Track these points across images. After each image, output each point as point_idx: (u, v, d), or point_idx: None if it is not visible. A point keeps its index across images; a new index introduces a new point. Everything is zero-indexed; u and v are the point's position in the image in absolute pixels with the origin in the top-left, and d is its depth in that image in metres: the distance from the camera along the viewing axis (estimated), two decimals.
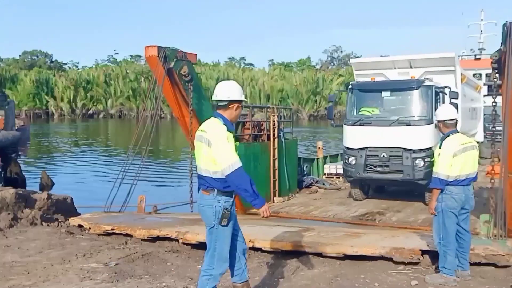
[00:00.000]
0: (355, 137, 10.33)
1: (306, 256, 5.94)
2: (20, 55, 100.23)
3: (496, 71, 6.93)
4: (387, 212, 9.75)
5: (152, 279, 5.09)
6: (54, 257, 5.71)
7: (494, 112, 7.14)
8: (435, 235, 5.22)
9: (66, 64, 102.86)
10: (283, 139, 11.96)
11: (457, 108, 7.57)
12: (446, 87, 9.82)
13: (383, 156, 9.96)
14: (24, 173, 17.92)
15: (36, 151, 30.34)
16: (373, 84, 10.56)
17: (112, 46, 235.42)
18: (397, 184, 10.77)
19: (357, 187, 10.85)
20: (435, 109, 9.40)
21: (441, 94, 9.85)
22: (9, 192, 7.70)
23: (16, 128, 21.90)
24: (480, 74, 21.43)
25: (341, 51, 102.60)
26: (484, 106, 15.69)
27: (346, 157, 10.49)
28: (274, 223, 8.44)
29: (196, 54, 9.57)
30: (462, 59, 26.54)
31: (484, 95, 15.50)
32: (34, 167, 22.33)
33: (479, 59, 24.45)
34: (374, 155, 10.09)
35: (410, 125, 9.70)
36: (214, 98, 3.97)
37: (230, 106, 3.92)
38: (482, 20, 32.66)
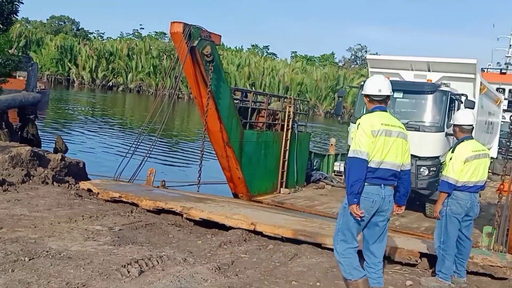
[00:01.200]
0: None
1: (305, 245, 6.00)
2: (47, 19, 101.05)
3: None
4: (391, 216, 9.68)
5: (153, 247, 5.21)
6: (61, 216, 5.87)
7: (510, 128, 7.06)
8: (436, 239, 5.25)
9: (91, 33, 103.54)
10: (296, 131, 11.97)
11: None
12: (462, 94, 9.43)
13: None
14: (39, 136, 18.25)
15: (54, 116, 30.81)
16: None
17: (138, 20, 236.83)
18: None
19: None
20: (449, 117, 9.16)
21: (456, 102, 9.46)
22: (25, 149, 7.91)
23: (37, 90, 22.21)
24: (504, 89, 21.00)
25: (366, 51, 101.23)
26: (503, 121, 15.38)
27: None
28: (277, 212, 8.53)
29: (220, 36, 9.57)
30: (487, 71, 26.10)
31: (504, 110, 15.21)
32: (50, 130, 22.72)
33: (504, 73, 23.93)
34: None
35: (419, 131, 9.20)
36: (378, 93, 4.07)
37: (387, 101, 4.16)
38: None
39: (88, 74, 78.76)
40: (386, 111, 4.12)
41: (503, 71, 25.86)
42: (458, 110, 9.18)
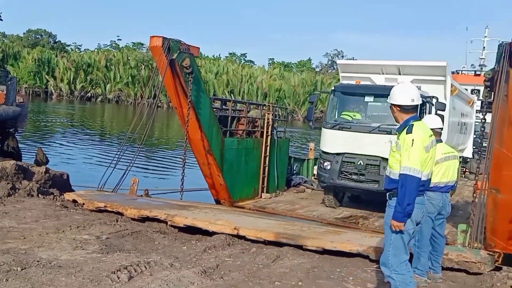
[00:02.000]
0: (333, 141, 9.93)
1: (287, 248, 6.24)
2: (24, 33, 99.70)
3: (488, 89, 7.26)
4: (371, 217, 9.86)
5: (140, 254, 5.39)
6: (49, 226, 5.99)
7: (482, 129, 7.41)
8: None
9: (69, 45, 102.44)
10: (275, 137, 12.25)
11: (443, 120, 7.49)
12: (433, 97, 9.35)
13: (360, 163, 9.54)
14: (20, 149, 18.09)
15: (33, 128, 30.43)
16: (357, 87, 10.03)
17: (115, 32, 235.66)
18: (372, 195, 10.05)
19: (331, 194, 10.45)
20: (420, 119, 9.45)
21: (427, 104, 9.35)
22: (9, 163, 7.99)
23: (16, 104, 21.99)
24: (479, 90, 21.15)
25: (342, 56, 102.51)
26: (476, 122, 15.58)
27: (321, 161, 10.13)
28: (259, 217, 8.76)
29: (198, 48, 9.79)
30: (461, 73, 26.85)
31: (477, 111, 15.55)
32: (29, 143, 22.48)
33: (479, 75, 24.50)
34: (351, 162, 9.68)
35: (391, 134, 9.03)
36: (411, 103, 3.98)
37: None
38: (485, 36, 33.05)
39: (66, 86, 77.92)
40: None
41: (477, 72, 26.61)
42: (429, 112, 9.21)
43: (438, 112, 8.75)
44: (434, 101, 9.24)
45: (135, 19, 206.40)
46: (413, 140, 3.76)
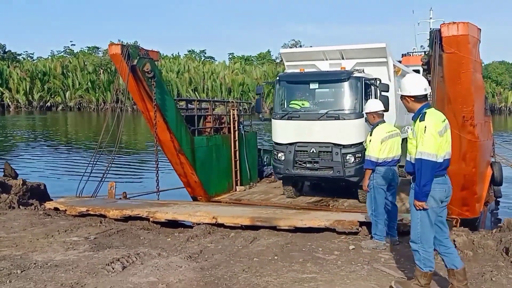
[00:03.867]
0: (284, 131, 9.76)
1: (262, 230, 6.85)
2: None
3: (426, 72, 8.07)
4: (341, 199, 10.19)
5: (128, 249, 5.85)
6: (38, 233, 6.35)
7: None
8: (368, 208, 6.29)
9: (20, 55, 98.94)
10: (243, 132, 12.63)
11: (388, 100, 7.84)
12: (376, 79, 9.33)
13: (312, 151, 9.41)
14: None
15: None
16: (301, 75, 9.86)
17: (68, 37, 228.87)
18: (328, 182, 10.10)
19: (289, 184, 10.31)
20: (366, 102, 9.29)
21: (372, 86, 9.34)
22: None
23: None
24: (418, 71, 22.23)
25: (300, 46, 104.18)
26: None
27: (275, 152, 9.97)
28: (235, 207, 9.31)
29: (158, 52, 10.07)
30: (413, 55, 28.02)
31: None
32: None
33: (425, 54, 25.55)
34: (303, 151, 9.54)
35: (339, 119, 9.16)
36: (423, 92, 4.21)
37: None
38: (431, 18, 34.60)
39: (23, 97, 75.60)
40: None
41: (426, 53, 27.81)
42: (375, 94, 9.26)
43: (382, 93, 8.84)
44: (378, 82, 9.26)
45: (87, 22, 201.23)
46: (425, 127, 4.04)
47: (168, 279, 4.63)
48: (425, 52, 28.27)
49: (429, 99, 4.59)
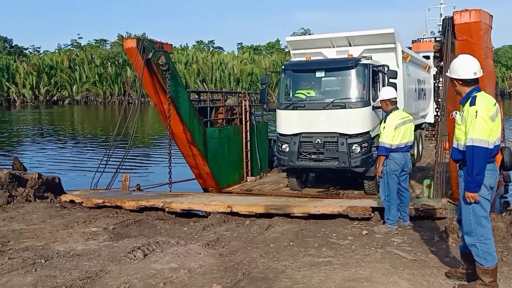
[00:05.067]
0: (288, 122, 9.50)
1: (276, 218, 6.96)
2: None
3: (439, 59, 8.05)
4: (347, 190, 10.04)
5: (147, 238, 5.99)
6: (57, 225, 6.51)
7: (438, 95, 8.08)
8: (381, 194, 6.38)
9: (26, 49, 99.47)
10: (254, 122, 12.72)
11: (396, 87, 7.60)
12: (384, 65, 9.13)
13: (318, 142, 9.12)
14: None
15: (1, 139, 30.05)
16: (307, 63, 9.64)
17: (75, 30, 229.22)
18: (334, 173, 9.83)
19: (293, 176, 10.00)
20: (374, 90, 9.07)
21: (380, 74, 9.15)
22: (3, 173, 8.37)
23: None
24: (429, 57, 21.94)
25: (310, 34, 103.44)
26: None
27: (280, 144, 9.64)
28: (248, 196, 9.43)
29: (171, 45, 10.15)
30: (423, 41, 27.69)
31: (435, 76, 15.89)
32: (2, 153, 22.42)
33: (437, 41, 25.24)
34: (308, 142, 9.24)
35: (345, 108, 8.93)
36: (473, 76, 3.97)
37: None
38: (441, 3, 34.28)
39: (29, 92, 76.00)
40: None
41: (437, 39, 27.50)
42: (382, 81, 9.15)
43: (390, 80, 8.68)
44: (385, 69, 9.11)
45: (94, 15, 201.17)
46: (476, 111, 3.78)
47: (189, 265, 4.76)
48: (435, 38, 28.20)
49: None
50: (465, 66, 4.00)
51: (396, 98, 6.41)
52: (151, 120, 40.31)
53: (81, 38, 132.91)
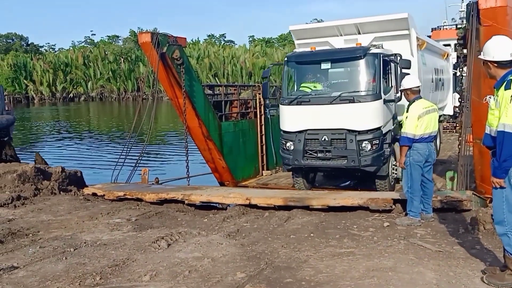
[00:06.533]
0: (293, 118, 8.79)
1: (295, 210, 7.00)
2: None
3: (462, 46, 7.89)
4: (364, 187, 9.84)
5: (169, 228, 6.12)
6: (82, 216, 6.69)
7: (461, 84, 7.84)
8: (404, 185, 6.35)
9: (42, 47, 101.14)
10: (269, 116, 12.67)
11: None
12: (396, 54, 8.41)
13: (324, 139, 8.43)
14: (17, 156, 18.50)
15: (22, 135, 30.62)
16: (312, 54, 8.89)
17: (88, 27, 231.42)
18: (343, 172, 9.25)
19: (300, 176, 9.26)
20: (385, 82, 8.51)
21: (392, 64, 8.48)
22: (29, 167, 8.60)
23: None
24: (449, 45, 19.54)
25: None
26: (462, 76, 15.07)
27: (283, 142, 8.94)
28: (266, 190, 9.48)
29: (185, 38, 10.19)
30: (443, 29, 26.73)
31: (455, 66, 14.03)
32: (24, 149, 22.86)
33: (460, 28, 24.34)
34: (314, 139, 8.55)
35: (354, 102, 8.21)
36: (509, 58, 3.77)
37: None
38: None
39: (46, 89, 77.18)
40: None
41: (458, 26, 26.77)
42: (394, 72, 8.54)
43: (404, 70, 8.13)
44: (398, 59, 8.41)
45: (106, 11, 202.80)
46: (511, 96, 3.60)
47: (212, 254, 4.86)
48: (456, 25, 27.33)
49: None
50: (500, 47, 3.79)
51: (419, 87, 6.32)
52: (164, 116, 40.61)
53: (94, 34, 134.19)
